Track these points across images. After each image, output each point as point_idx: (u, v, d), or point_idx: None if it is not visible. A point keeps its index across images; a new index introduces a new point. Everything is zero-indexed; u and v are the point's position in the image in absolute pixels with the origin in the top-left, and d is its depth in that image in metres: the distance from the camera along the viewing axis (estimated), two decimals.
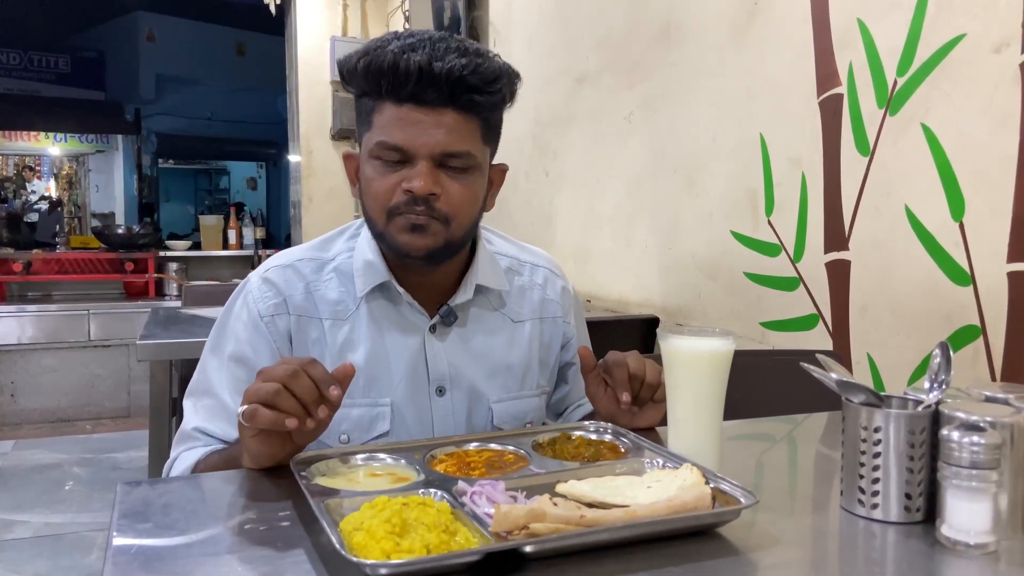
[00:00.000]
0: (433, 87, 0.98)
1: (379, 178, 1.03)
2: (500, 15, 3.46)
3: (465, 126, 1.02)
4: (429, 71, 0.97)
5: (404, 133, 1.00)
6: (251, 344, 1.09)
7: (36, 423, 4.83)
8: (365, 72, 1.01)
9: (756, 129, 1.90)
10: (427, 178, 1.00)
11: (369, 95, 1.03)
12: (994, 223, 1.33)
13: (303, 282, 1.11)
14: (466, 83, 0.99)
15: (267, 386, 0.83)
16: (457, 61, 0.98)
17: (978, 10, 1.36)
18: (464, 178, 1.04)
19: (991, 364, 1.33)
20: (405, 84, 0.98)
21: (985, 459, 0.69)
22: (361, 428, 1.08)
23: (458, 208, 1.04)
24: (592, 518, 0.69)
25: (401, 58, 0.97)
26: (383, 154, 1.02)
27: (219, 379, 1.09)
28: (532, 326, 1.20)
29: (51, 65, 12.48)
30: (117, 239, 5.56)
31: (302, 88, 5.13)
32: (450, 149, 1.01)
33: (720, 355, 0.89)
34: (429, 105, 0.99)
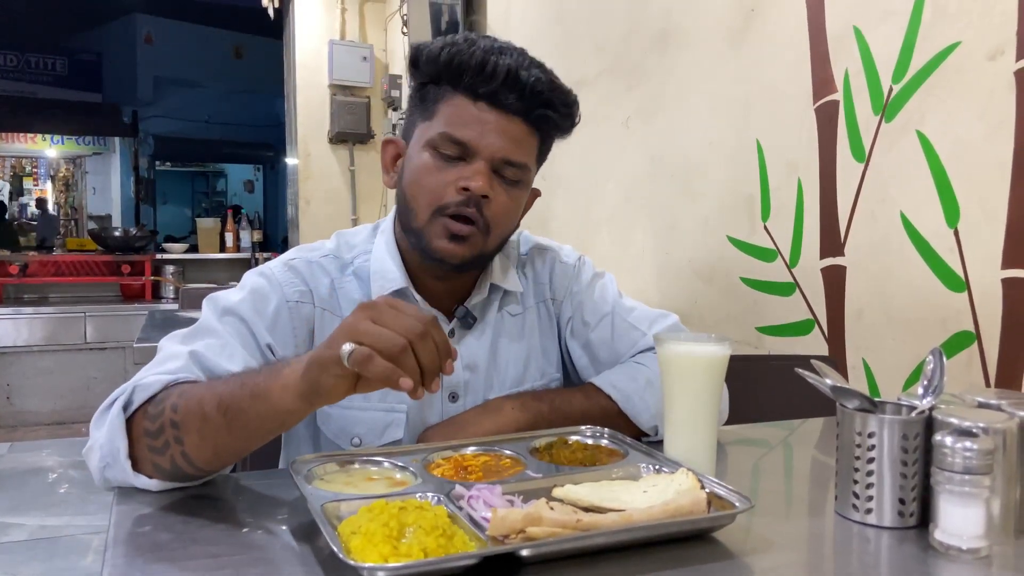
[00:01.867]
0: (515, 92, 1.00)
1: (433, 172, 1.02)
2: (498, 20, 3.47)
3: (528, 139, 1.04)
4: (516, 76, 0.99)
5: (472, 130, 1.00)
6: (268, 322, 1.02)
7: (32, 425, 4.83)
8: (449, 62, 1.00)
9: (753, 135, 1.91)
10: (485, 179, 1.01)
11: (440, 84, 1.03)
12: (989, 229, 1.34)
13: (328, 278, 1.10)
14: (545, 98, 1.02)
15: (393, 338, 0.73)
16: (541, 75, 1.01)
17: (973, 18, 1.37)
18: (513, 190, 1.05)
19: (985, 370, 1.34)
20: (489, 83, 0.99)
21: (978, 464, 0.69)
22: (375, 432, 1.07)
23: (501, 218, 1.05)
24: (588, 522, 0.69)
25: (490, 57, 0.99)
26: (444, 146, 1.02)
27: (223, 328, 1.00)
28: (533, 313, 1.20)
29: (48, 67, 12.47)
30: (114, 241, 5.56)
31: (300, 91, 5.13)
32: (511, 156, 1.02)
33: (716, 360, 0.90)
34: (503, 109, 1.01)
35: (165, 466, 0.83)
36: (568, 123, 1.09)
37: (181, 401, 0.83)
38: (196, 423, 0.81)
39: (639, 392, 1.08)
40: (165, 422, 0.82)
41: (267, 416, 0.80)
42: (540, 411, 1.06)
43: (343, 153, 5.22)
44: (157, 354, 0.97)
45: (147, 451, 0.84)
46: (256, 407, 0.79)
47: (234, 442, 0.83)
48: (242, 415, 0.80)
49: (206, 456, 0.83)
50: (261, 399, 0.79)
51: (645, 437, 1.08)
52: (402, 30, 4.49)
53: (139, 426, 0.85)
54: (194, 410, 0.82)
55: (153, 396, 0.87)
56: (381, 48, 5.20)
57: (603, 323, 1.19)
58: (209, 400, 0.81)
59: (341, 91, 5.06)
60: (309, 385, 0.76)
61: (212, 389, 0.83)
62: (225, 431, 0.81)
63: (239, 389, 0.80)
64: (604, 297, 1.21)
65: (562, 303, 1.22)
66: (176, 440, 0.82)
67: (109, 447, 0.84)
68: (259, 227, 6.41)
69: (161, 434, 0.82)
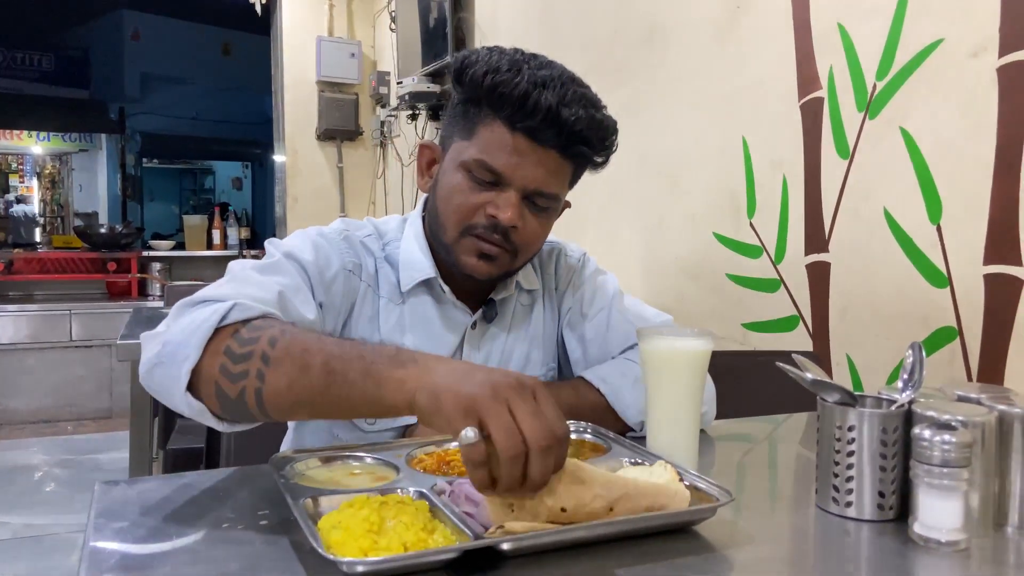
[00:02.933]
0: (554, 129, 1.00)
1: (465, 193, 1.04)
2: (486, 17, 3.46)
3: (562, 170, 1.05)
4: (556, 114, 0.98)
5: (507, 160, 1.01)
6: (326, 283, 1.02)
7: (17, 424, 4.79)
8: (492, 89, 1.00)
9: (738, 132, 1.92)
10: (515, 209, 1.02)
11: (480, 106, 1.02)
12: (971, 226, 1.34)
13: (372, 257, 1.13)
14: (583, 136, 1.02)
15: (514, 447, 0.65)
16: (583, 113, 1.00)
17: (956, 15, 1.37)
18: (543, 216, 1.08)
19: (967, 365, 1.35)
20: (529, 118, 0.99)
21: (956, 457, 0.70)
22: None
23: (530, 243, 1.08)
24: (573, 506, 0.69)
25: (533, 92, 0.98)
26: (478, 171, 1.03)
27: (292, 270, 0.99)
28: (540, 304, 1.22)
29: (35, 63, 12.37)
30: (100, 239, 5.53)
31: (287, 88, 5.11)
32: (543, 189, 1.04)
33: (698, 354, 0.90)
34: (540, 143, 1.01)
35: (229, 394, 0.80)
36: (604, 157, 1.10)
37: (283, 339, 0.80)
38: (292, 369, 0.77)
39: (628, 387, 1.09)
40: (256, 351, 0.79)
41: (370, 401, 0.75)
42: None
43: (331, 150, 5.20)
44: (232, 274, 0.94)
45: (217, 371, 0.80)
46: (365, 386, 0.74)
47: (317, 405, 0.79)
48: (346, 385, 0.75)
49: (278, 404, 0.80)
50: (373, 381, 0.74)
51: (631, 432, 1.09)
52: (390, 26, 4.48)
53: (221, 343, 0.81)
54: (295, 355, 0.78)
55: (249, 320, 0.84)
56: (369, 44, 5.18)
57: (599, 317, 1.21)
58: (316, 354, 0.77)
59: (329, 88, 5.04)
60: (419, 409, 0.71)
61: (321, 343, 0.79)
62: (320, 391, 0.77)
63: (354, 359, 0.76)
64: (603, 292, 1.23)
65: (564, 294, 1.24)
66: (259, 375, 0.79)
67: (178, 347, 0.81)
68: (247, 224, 6.39)
69: (245, 361, 0.80)
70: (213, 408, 0.82)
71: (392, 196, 4.86)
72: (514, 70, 0.99)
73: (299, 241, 1.05)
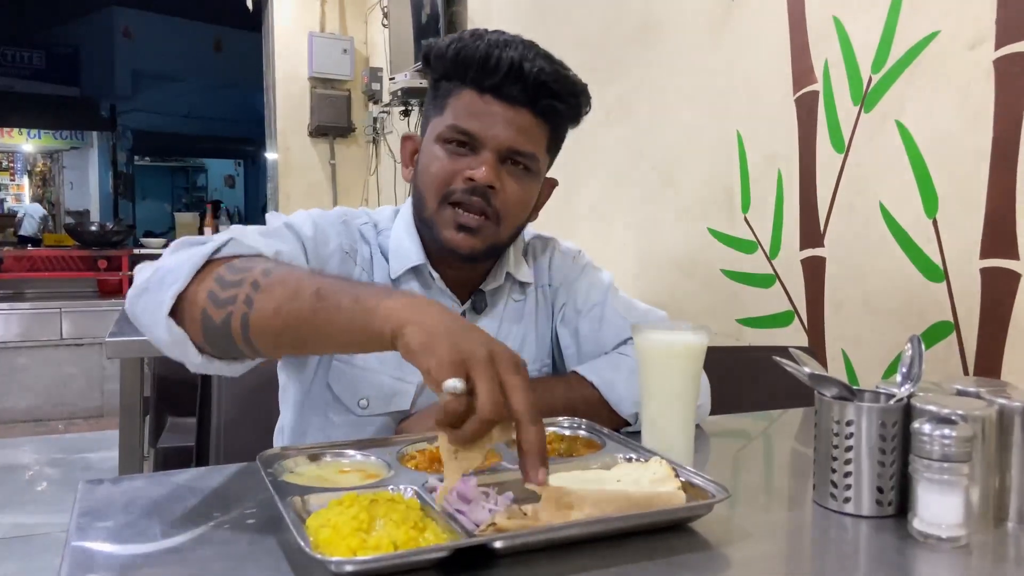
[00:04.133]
0: (519, 84, 1.01)
1: (442, 161, 1.04)
2: (478, 11, 3.44)
3: (536, 129, 1.05)
4: (519, 68, 1.00)
5: (479, 121, 1.02)
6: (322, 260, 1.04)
7: (8, 423, 4.76)
8: (455, 57, 1.02)
9: (733, 126, 1.90)
10: (491, 169, 1.02)
11: (450, 79, 1.05)
12: (967, 219, 1.33)
13: (367, 245, 1.13)
14: (549, 88, 1.03)
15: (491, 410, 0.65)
16: (546, 65, 1.02)
17: (952, 7, 1.36)
18: (523, 179, 1.06)
19: (964, 360, 1.34)
20: (493, 75, 1.01)
21: (956, 452, 0.68)
22: (383, 398, 1.08)
23: (511, 208, 1.06)
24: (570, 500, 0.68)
25: (494, 51, 1.00)
26: (452, 136, 1.03)
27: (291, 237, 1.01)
28: (532, 299, 1.21)
29: (25, 60, 12.31)
30: (91, 236, 5.49)
31: (280, 84, 5.08)
32: (518, 147, 1.04)
33: (693, 349, 0.89)
34: (509, 101, 1.02)
35: (214, 320, 0.78)
36: (576, 112, 1.10)
37: (278, 270, 0.80)
38: (282, 295, 0.76)
39: (622, 380, 1.08)
40: (247, 278, 0.79)
41: (358, 328, 0.73)
42: None
43: (323, 147, 5.18)
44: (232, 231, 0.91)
45: (205, 296, 0.79)
46: (354, 312, 0.73)
47: (303, 333, 0.77)
48: (335, 311, 0.74)
49: (263, 330, 0.78)
50: (363, 308, 0.72)
51: (626, 427, 1.07)
52: (382, 22, 4.46)
53: (213, 271, 0.81)
54: (288, 283, 0.77)
55: (244, 254, 0.85)
56: (361, 41, 5.15)
57: (593, 312, 1.20)
58: (308, 283, 0.77)
59: (321, 84, 5.02)
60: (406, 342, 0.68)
61: (317, 275, 0.80)
62: (308, 316, 0.75)
63: (347, 287, 0.75)
64: (597, 287, 1.22)
65: (558, 290, 1.23)
66: (247, 301, 0.77)
67: (167, 273, 0.81)
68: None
69: (236, 287, 0.79)
70: (195, 336, 0.81)
71: (385, 192, 4.84)
72: (475, 37, 1.03)
73: (300, 217, 1.07)
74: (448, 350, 0.66)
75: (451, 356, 0.66)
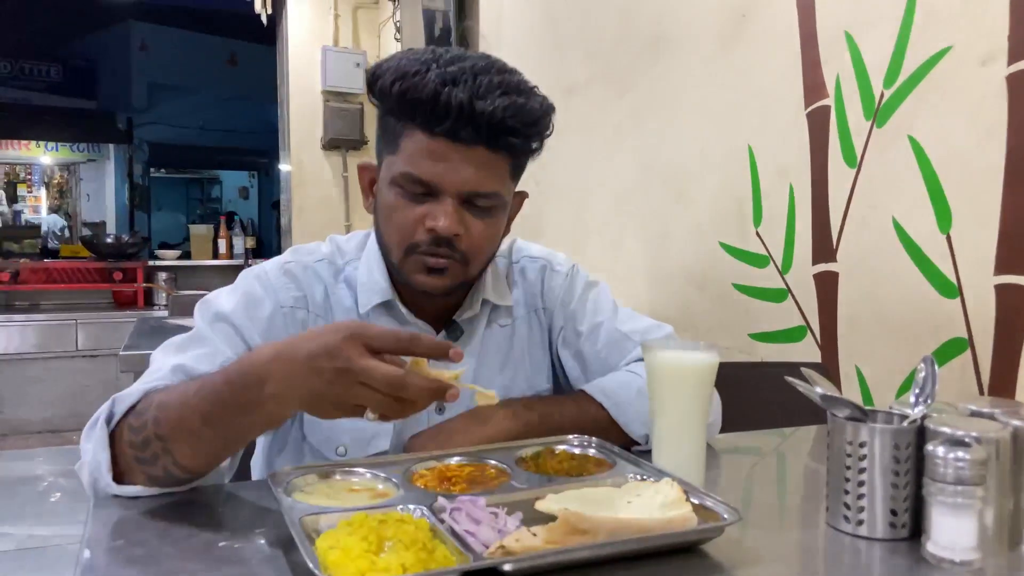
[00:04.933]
0: (471, 126, 0.93)
1: (401, 210, 0.99)
2: (490, 26, 3.46)
3: (496, 165, 0.99)
4: (470, 110, 0.92)
5: (433, 168, 0.96)
6: (261, 328, 1.01)
7: (23, 434, 4.79)
8: (401, 96, 0.95)
9: (744, 140, 1.90)
10: (452, 218, 0.96)
11: (399, 118, 0.98)
12: (981, 235, 1.32)
13: (322, 284, 1.09)
14: (506, 126, 0.95)
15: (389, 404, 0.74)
16: (500, 101, 0.93)
17: (964, 23, 1.36)
18: (488, 218, 1.01)
19: (979, 377, 1.33)
20: (443, 119, 0.93)
21: (970, 475, 0.68)
22: (361, 443, 1.06)
23: (478, 248, 1.02)
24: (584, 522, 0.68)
25: (442, 91, 0.92)
26: (407, 186, 0.98)
27: (214, 336, 0.99)
28: (524, 324, 1.18)
29: (43, 74, 12.45)
30: (106, 248, 5.54)
31: (293, 98, 5.12)
32: (478, 189, 0.98)
33: (704, 368, 0.88)
34: (463, 142, 0.95)
35: (158, 475, 0.83)
36: (535, 143, 1.03)
37: (162, 415, 0.82)
38: (185, 437, 0.81)
39: (631, 400, 1.07)
40: (150, 435, 0.82)
41: (264, 424, 0.82)
42: (530, 420, 1.05)
43: (336, 159, 5.21)
44: (150, 366, 0.97)
45: (135, 463, 0.84)
46: (249, 420, 0.79)
47: (230, 446, 0.85)
48: (234, 427, 0.80)
49: (201, 463, 0.84)
50: (255, 412, 0.78)
51: (636, 446, 1.07)
52: (395, 36, 4.49)
53: (124, 437, 0.85)
54: (177, 426, 0.81)
55: (134, 406, 0.86)
56: (374, 55, 5.18)
57: (595, 332, 1.17)
58: (191, 417, 0.80)
59: (334, 97, 5.05)
60: (313, 409, 0.77)
61: (187, 404, 0.81)
62: (220, 441, 0.82)
63: (221, 406, 0.78)
64: (597, 306, 1.19)
65: (554, 312, 1.20)
66: (165, 452, 0.82)
67: (94, 461, 0.85)
68: (252, 233, 6.40)
69: (148, 446, 0.82)
70: (158, 486, 0.85)
71: None
72: (422, 72, 0.94)
73: (229, 294, 1.04)
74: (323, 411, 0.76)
75: (331, 413, 0.75)
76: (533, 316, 1.20)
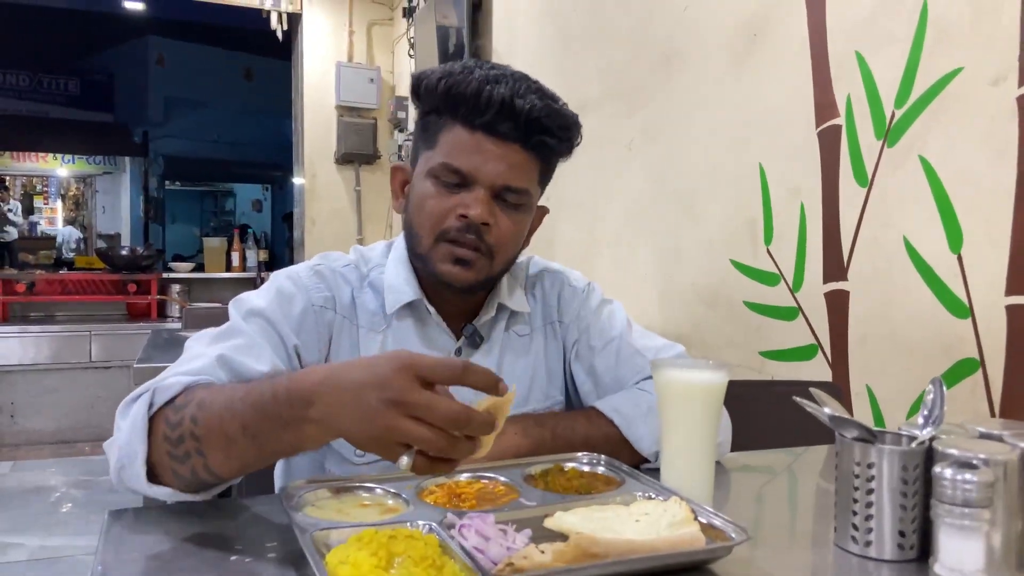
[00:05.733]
0: (510, 121, 1.01)
1: (435, 198, 1.04)
2: (503, 43, 3.49)
3: (528, 164, 1.05)
4: (511, 105, 1.00)
5: (470, 159, 1.02)
6: (294, 324, 1.04)
7: (36, 444, 4.83)
8: (446, 92, 1.02)
9: (755, 158, 1.91)
10: (485, 206, 1.02)
11: (440, 114, 1.04)
12: (992, 255, 1.32)
13: (349, 287, 1.13)
14: (541, 124, 1.02)
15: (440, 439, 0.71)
16: (537, 102, 1.01)
17: (975, 44, 1.36)
18: (516, 214, 1.07)
19: (990, 398, 1.32)
20: (484, 113, 1.00)
21: (977, 497, 0.68)
22: None
23: (505, 242, 1.06)
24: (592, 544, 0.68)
25: (485, 87, 1.00)
26: (444, 175, 1.03)
27: (249, 328, 1.01)
28: (540, 335, 1.21)
29: (61, 87, 12.62)
30: (121, 260, 5.59)
31: (307, 112, 5.17)
32: (510, 183, 1.04)
33: (713, 387, 0.89)
34: (500, 137, 1.02)
35: (185, 475, 0.83)
36: (567, 146, 1.09)
37: (201, 415, 0.82)
38: (221, 442, 0.80)
39: (641, 417, 1.07)
40: (186, 433, 0.82)
41: (298, 445, 0.80)
42: (542, 437, 1.05)
43: (349, 173, 5.25)
44: (184, 354, 0.97)
45: (167, 457, 0.83)
46: (286, 437, 0.78)
47: (263, 460, 0.83)
48: (270, 442, 0.79)
49: (232, 470, 0.83)
50: (292, 431, 0.77)
51: (646, 464, 1.07)
52: (409, 53, 4.52)
53: (159, 430, 0.84)
54: (216, 429, 0.80)
55: (173, 399, 0.86)
56: (388, 70, 5.23)
57: (608, 348, 1.19)
58: (231, 423, 0.79)
59: (348, 112, 5.10)
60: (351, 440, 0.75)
61: (231, 408, 0.80)
62: (254, 453, 0.81)
63: (263, 418, 0.78)
64: (611, 323, 1.21)
65: (569, 326, 1.22)
66: (198, 452, 0.81)
67: (128, 449, 0.84)
68: (265, 246, 6.44)
69: (182, 443, 0.82)
70: (182, 488, 0.85)
71: None
72: (466, 72, 1.02)
73: (262, 292, 1.07)
74: (371, 446, 0.73)
75: (376, 447, 0.73)
76: (549, 329, 1.22)
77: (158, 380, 0.88)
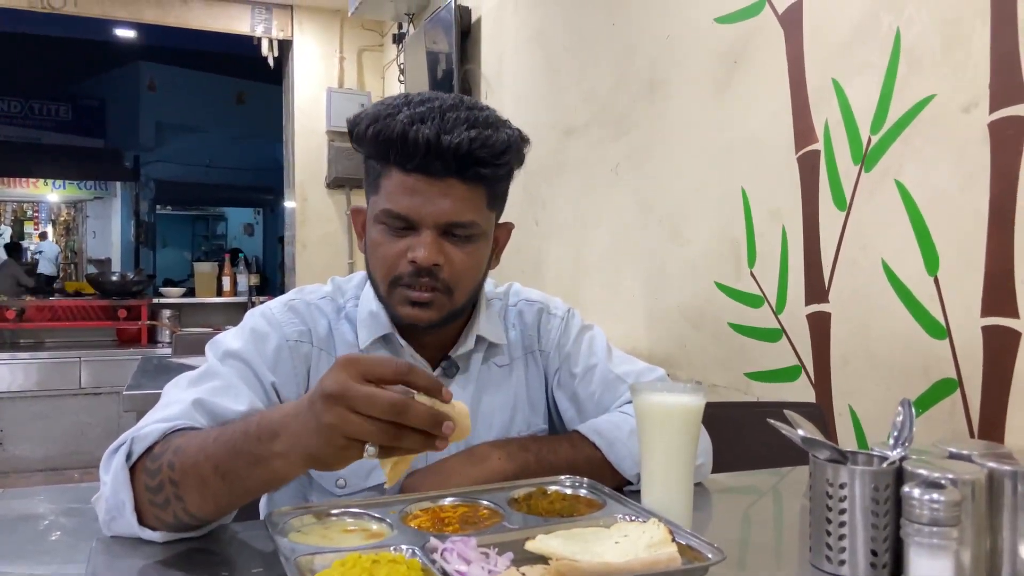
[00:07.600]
0: (440, 160, 0.99)
1: (384, 244, 1.04)
2: (491, 68, 3.53)
3: (470, 195, 1.03)
4: (437, 144, 0.98)
5: (410, 202, 1.01)
6: (269, 362, 1.05)
7: (24, 472, 4.79)
8: (374, 139, 1.02)
9: (738, 182, 1.94)
10: (431, 248, 1.01)
11: (376, 159, 1.04)
12: (968, 277, 1.35)
13: (326, 319, 1.13)
14: (474, 157, 1.00)
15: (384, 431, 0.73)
16: (466, 135, 0.99)
17: (947, 71, 1.40)
18: (468, 247, 1.05)
19: (968, 417, 1.35)
20: (413, 156, 0.99)
21: (945, 516, 0.70)
22: (361, 475, 1.08)
23: (461, 277, 1.05)
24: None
25: (410, 129, 0.98)
26: (388, 221, 1.03)
27: (226, 371, 1.02)
28: (521, 364, 1.21)
29: (52, 113, 12.65)
30: (111, 286, 5.58)
31: (298, 137, 5.21)
32: (455, 219, 1.02)
33: (689, 410, 0.90)
34: (435, 176, 1.00)
35: (168, 520, 0.85)
36: (506, 171, 1.07)
37: (177, 460, 0.84)
38: (196, 484, 0.82)
39: (623, 440, 1.09)
40: (164, 480, 0.84)
41: (269, 481, 0.82)
42: (526, 461, 1.07)
43: (340, 198, 5.28)
44: (161, 399, 0.99)
45: (149, 505, 0.85)
46: (257, 474, 0.80)
47: (237, 500, 0.85)
48: (242, 480, 0.81)
49: (209, 512, 0.85)
50: (261, 467, 0.79)
51: (628, 486, 1.09)
52: (399, 78, 4.57)
53: (140, 480, 0.86)
54: (191, 472, 0.82)
55: (151, 447, 0.88)
56: (378, 95, 5.28)
57: (589, 375, 1.20)
58: (204, 464, 0.82)
59: (339, 137, 5.13)
60: (316, 461, 0.77)
61: (205, 451, 0.82)
62: (226, 493, 0.83)
63: (234, 456, 0.80)
64: (592, 350, 1.22)
65: (550, 354, 1.23)
66: (177, 498, 0.83)
67: (114, 500, 0.86)
68: (257, 271, 6.43)
69: (161, 491, 0.84)
70: (171, 531, 0.86)
71: None
72: (392, 114, 1.01)
73: (236, 333, 1.08)
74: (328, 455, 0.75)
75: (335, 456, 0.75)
76: (530, 358, 1.22)
77: (136, 429, 0.91)
